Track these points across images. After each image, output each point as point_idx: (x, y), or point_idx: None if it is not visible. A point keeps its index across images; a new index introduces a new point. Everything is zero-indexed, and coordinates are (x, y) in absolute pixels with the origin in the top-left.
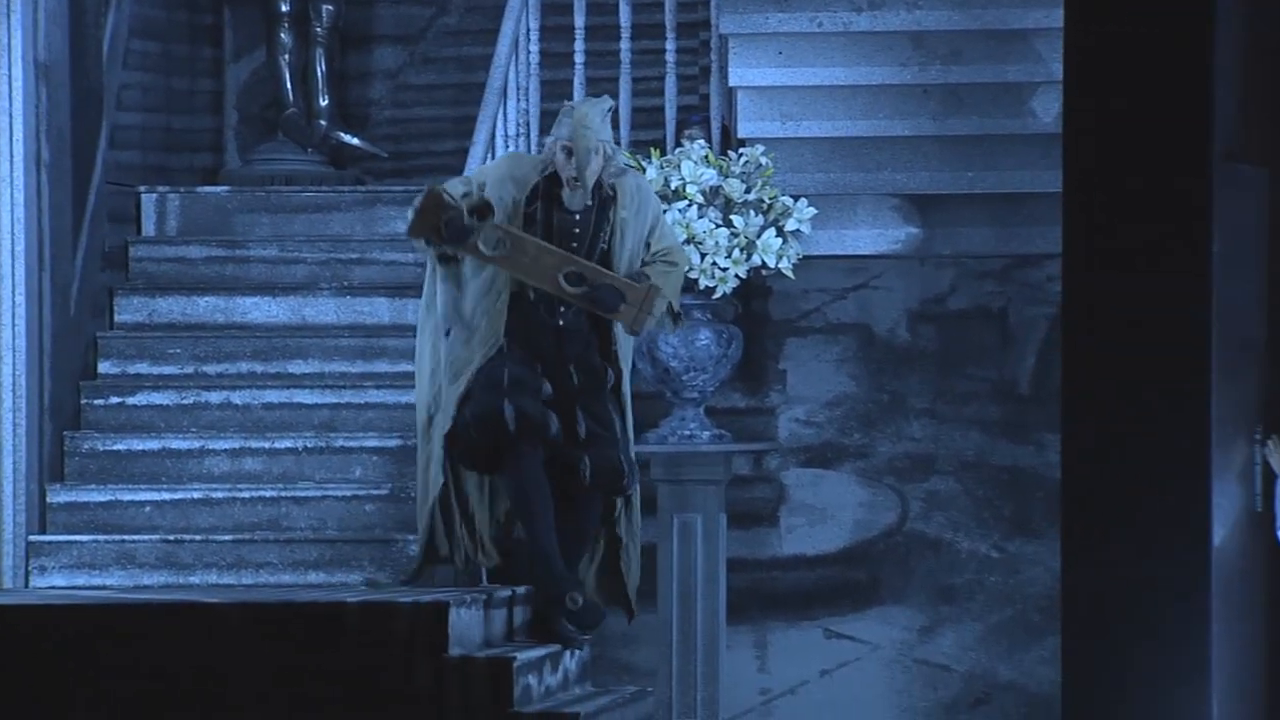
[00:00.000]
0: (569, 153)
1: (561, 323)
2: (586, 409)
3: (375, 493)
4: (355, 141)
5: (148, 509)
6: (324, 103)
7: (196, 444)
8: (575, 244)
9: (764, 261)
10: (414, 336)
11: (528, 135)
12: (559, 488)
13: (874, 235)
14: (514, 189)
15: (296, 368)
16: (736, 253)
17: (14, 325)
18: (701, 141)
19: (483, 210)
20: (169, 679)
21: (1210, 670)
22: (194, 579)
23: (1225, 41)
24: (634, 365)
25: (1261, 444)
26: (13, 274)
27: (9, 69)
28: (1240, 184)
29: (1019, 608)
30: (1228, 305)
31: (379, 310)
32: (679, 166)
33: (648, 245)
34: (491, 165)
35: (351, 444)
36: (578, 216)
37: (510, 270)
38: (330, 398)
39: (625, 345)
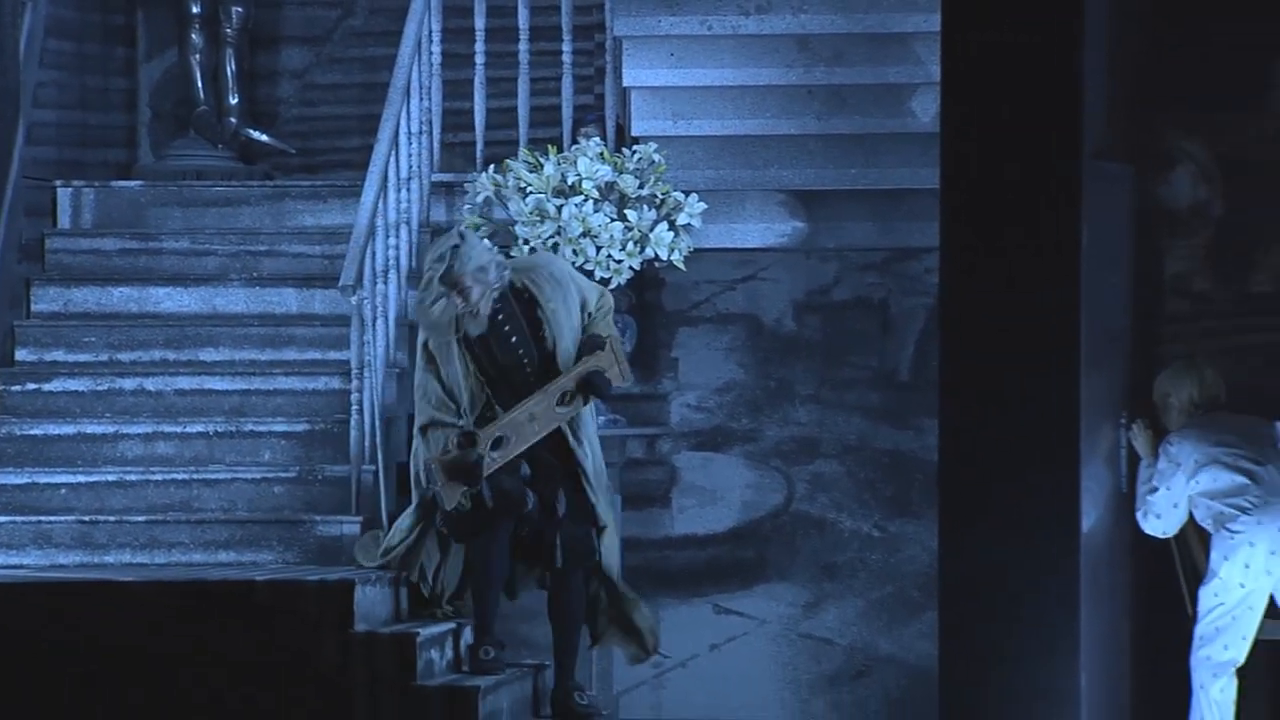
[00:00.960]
0: (459, 294)
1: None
2: (566, 489)
3: (284, 475)
4: (264, 138)
5: (64, 491)
6: (234, 101)
7: (111, 429)
8: (523, 353)
9: (657, 254)
10: (321, 326)
11: (430, 133)
12: (537, 566)
13: (761, 229)
14: (446, 333)
15: (207, 355)
16: (630, 246)
17: None
18: (597, 139)
19: (466, 440)
20: (84, 655)
21: (1079, 645)
22: (109, 558)
23: (1093, 48)
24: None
25: (1127, 428)
26: None
27: None
28: (1108, 181)
29: (898, 585)
30: (1095, 297)
31: (287, 300)
32: (575, 163)
33: (588, 315)
34: (420, 354)
35: (261, 429)
36: (511, 336)
37: (527, 444)
38: (240, 384)
39: (589, 424)
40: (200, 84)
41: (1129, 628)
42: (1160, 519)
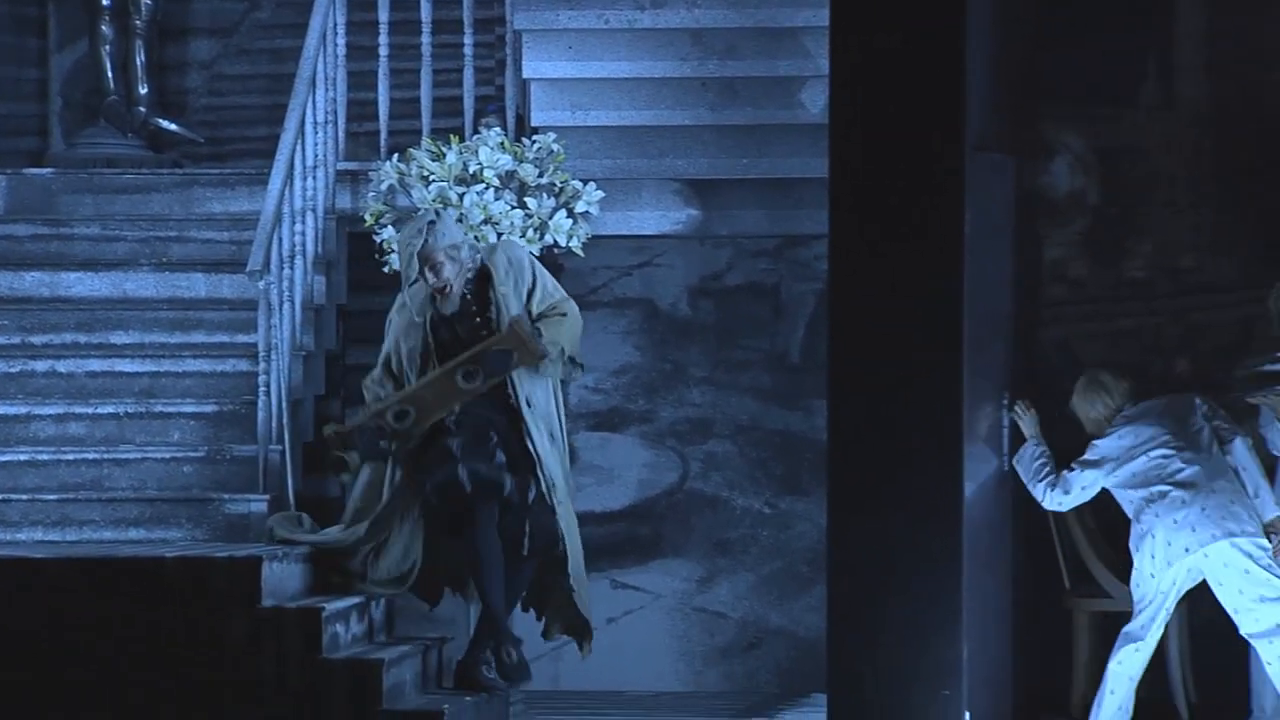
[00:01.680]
0: (431, 270)
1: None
2: (536, 478)
3: (193, 455)
4: (173, 127)
5: None
6: (143, 91)
7: (23, 409)
8: (485, 334)
9: (556, 241)
10: (229, 310)
11: (335, 122)
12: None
13: (657, 217)
14: (411, 344)
15: (118, 338)
16: (530, 233)
17: None
18: (498, 129)
19: (340, 438)
20: None
21: (962, 618)
22: (21, 535)
23: (977, 44)
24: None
25: (1009, 409)
26: None
27: None
28: (991, 171)
29: (788, 560)
30: (979, 282)
31: (196, 285)
32: (477, 152)
33: (529, 311)
34: (390, 326)
35: (170, 409)
36: (476, 317)
37: (430, 418)
38: (150, 366)
39: (538, 412)
40: (110, 74)
41: (1010, 599)
42: (1067, 496)
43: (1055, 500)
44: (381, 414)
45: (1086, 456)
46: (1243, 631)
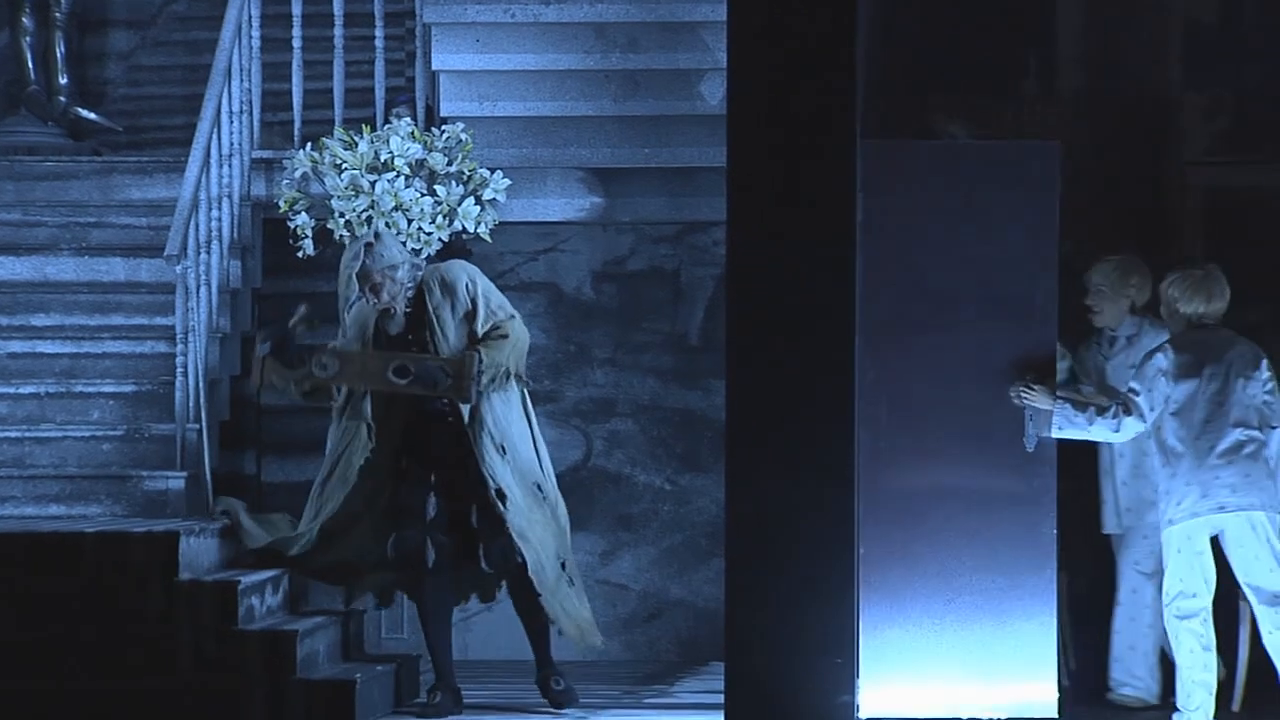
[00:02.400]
0: (371, 290)
1: (428, 407)
2: (480, 500)
3: (112, 433)
4: (92, 116)
5: None
6: (63, 81)
7: None
8: (414, 349)
9: (464, 227)
10: (147, 293)
11: (250, 112)
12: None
13: (562, 204)
14: (357, 332)
15: (39, 320)
16: (440, 219)
17: None
18: (408, 119)
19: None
20: None
21: (853, 587)
22: None
23: (868, 37)
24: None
25: (1022, 393)
26: None
27: None
28: (883, 157)
29: (688, 534)
30: (871, 263)
31: (115, 269)
32: (388, 141)
33: (473, 332)
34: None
35: (90, 389)
36: (404, 326)
37: (347, 383)
38: (70, 348)
39: (485, 425)
40: (31, 64)
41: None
42: (1143, 420)
43: (1129, 427)
44: (312, 350)
45: (1146, 373)
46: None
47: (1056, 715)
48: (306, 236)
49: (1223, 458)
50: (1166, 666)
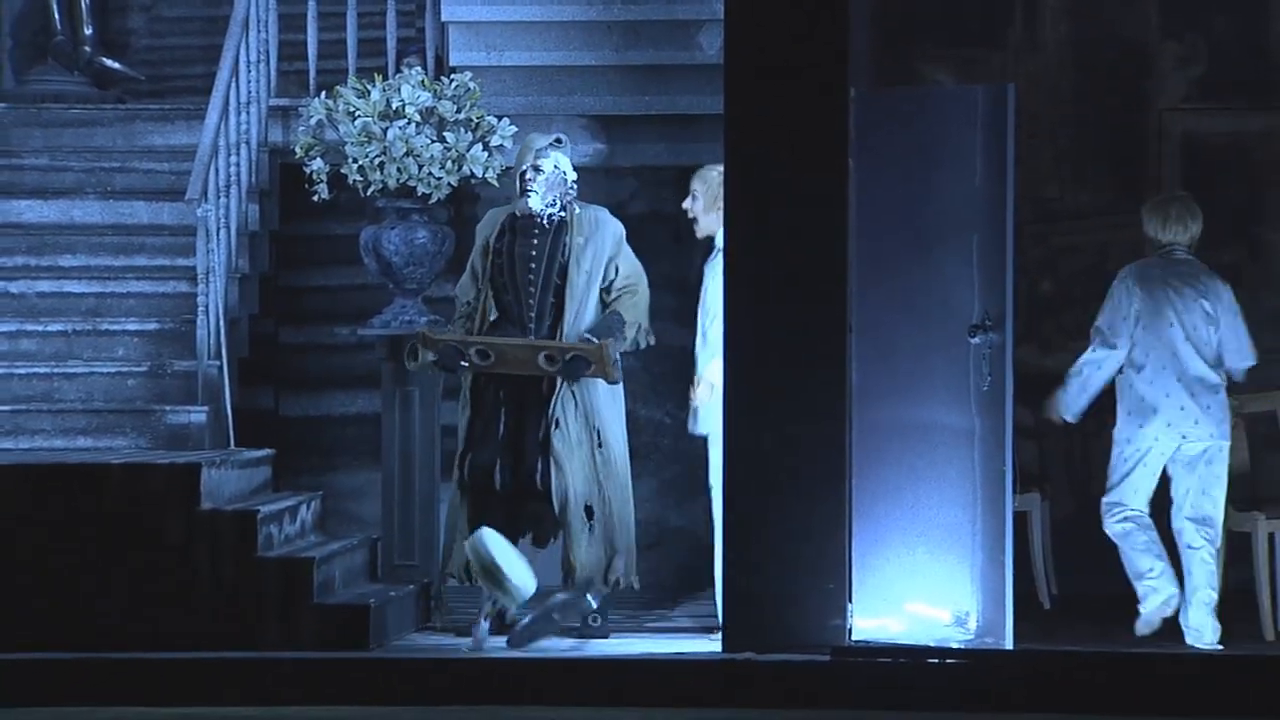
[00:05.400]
0: (533, 167)
1: (533, 338)
2: (552, 419)
3: (136, 370)
4: (116, 66)
5: None
6: (89, 31)
7: None
8: (533, 264)
9: (472, 172)
10: (169, 236)
11: (267, 62)
12: (526, 493)
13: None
14: (486, 232)
15: (66, 261)
16: (449, 164)
17: None
18: (418, 69)
19: (427, 341)
20: None
21: (844, 514)
22: None
23: None
24: (363, 261)
25: (983, 330)
26: None
27: None
28: (868, 105)
29: (687, 465)
30: (867, 210)
31: (138, 212)
32: (399, 90)
33: (608, 286)
34: (478, 233)
35: (115, 328)
36: (534, 245)
37: (509, 370)
38: (96, 287)
39: (591, 398)
40: (57, 15)
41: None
42: (1109, 345)
43: (1104, 352)
44: (467, 343)
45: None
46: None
47: (1011, 646)
48: (322, 181)
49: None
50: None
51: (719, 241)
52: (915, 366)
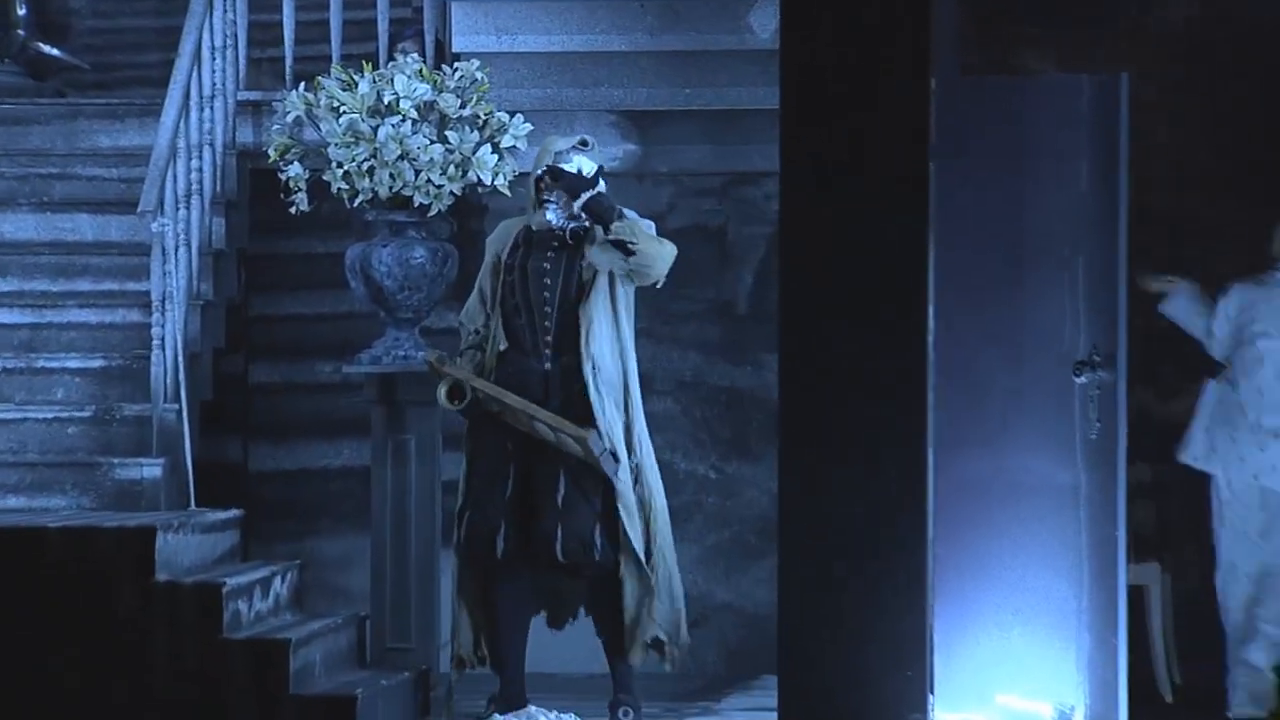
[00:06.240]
0: (550, 173)
1: (548, 366)
2: (571, 471)
3: (78, 415)
4: (55, 52)
5: None
6: (22, 12)
7: None
8: (548, 280)
9: (479, 178)
10: (118, 255)
11: (235, 47)
12: (540, 563)
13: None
14: (496, 247)
15: None
16: (452, 169)
17: None
18: (415, 55)
19: (436, 372)
20: None
21: (926, 588)
22: None
23: None
24: (349, 284)
25: (1091, 368)
26: None
27: None
28: (965, 95)
29: (736, 529)
30: (951, 223)
31: (81, 227)
32: (392, 81)
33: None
34: (488, 247)
35: (53, 364)
36: (550, 259)
37: (515, 423)
38: (30, 317)
39: (603, 377)
40: None
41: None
42: (1211, 336)
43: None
44: (475, 389)
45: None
46: None
47: None
48: (300, 190)
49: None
50: None
51: None
52: (1009, 410)
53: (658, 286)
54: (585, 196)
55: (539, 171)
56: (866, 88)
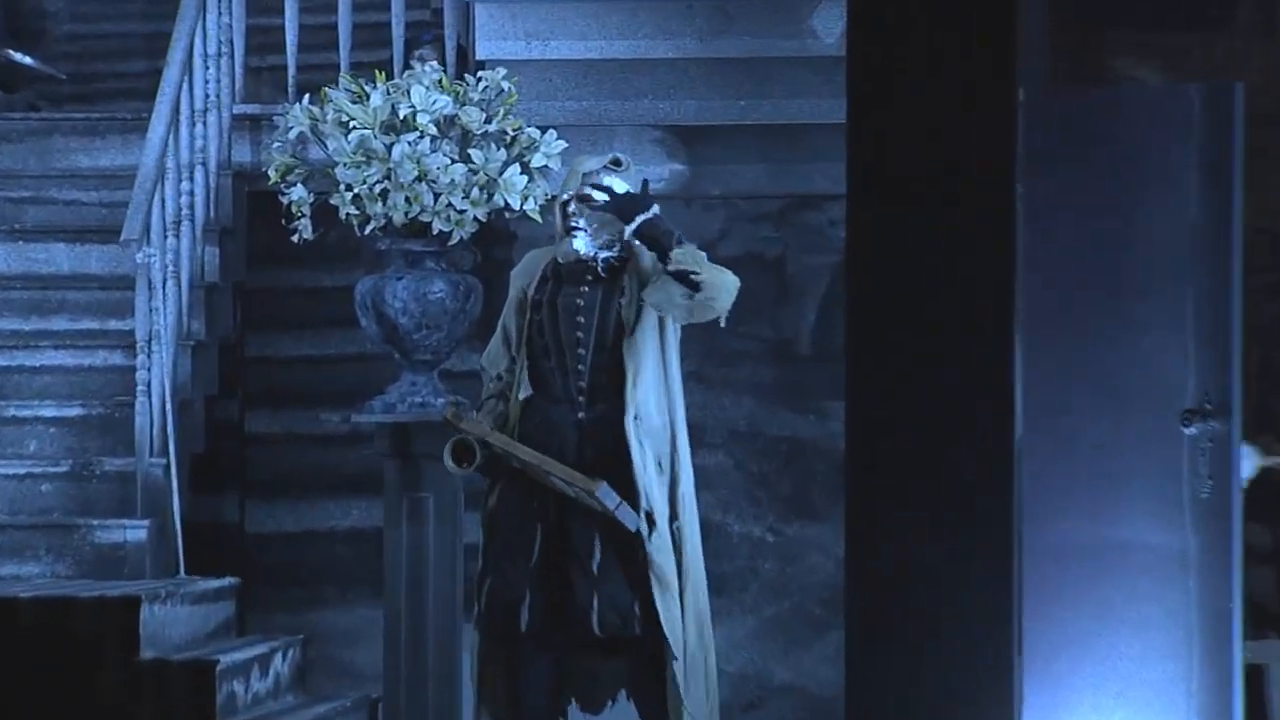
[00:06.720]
0: (579, 198)
1: (581, 415)
2: (609, 531)
3: (52, 470)
4: (28, 61)
5: None
6: None
7: None
8: (581, 318)
9: (507, 202)
10: (99, 289)
11: (231, 55)
12: (573, 638)
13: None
14: (523, 280)
15: None
16: (475, 192)
17: None
18: (434, 64)
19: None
20: None
21: (1013, 669)
22: None
23: None
24: (359, 322)
25: (1202, 418)
26: None
27: None
28: (1057, 108)
29: (797, 599)
30: (1040, 253)
31: (57, 257)
32: (408, 93)
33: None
34: (513, 280)
35: (25, 413)
36: (584, 294)
37: (536, 478)
38: (0, 360)
39: (645, 428)
40: None
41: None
42: None
43: None
44: (491, 445)
45: None
46: None
47: None
48: (304, 215)
49: None
50: None
51: None
52: (1107, 466)
53: (721, 325)
54: (640, 220)
55: (567, 196)
56: (944, 100)
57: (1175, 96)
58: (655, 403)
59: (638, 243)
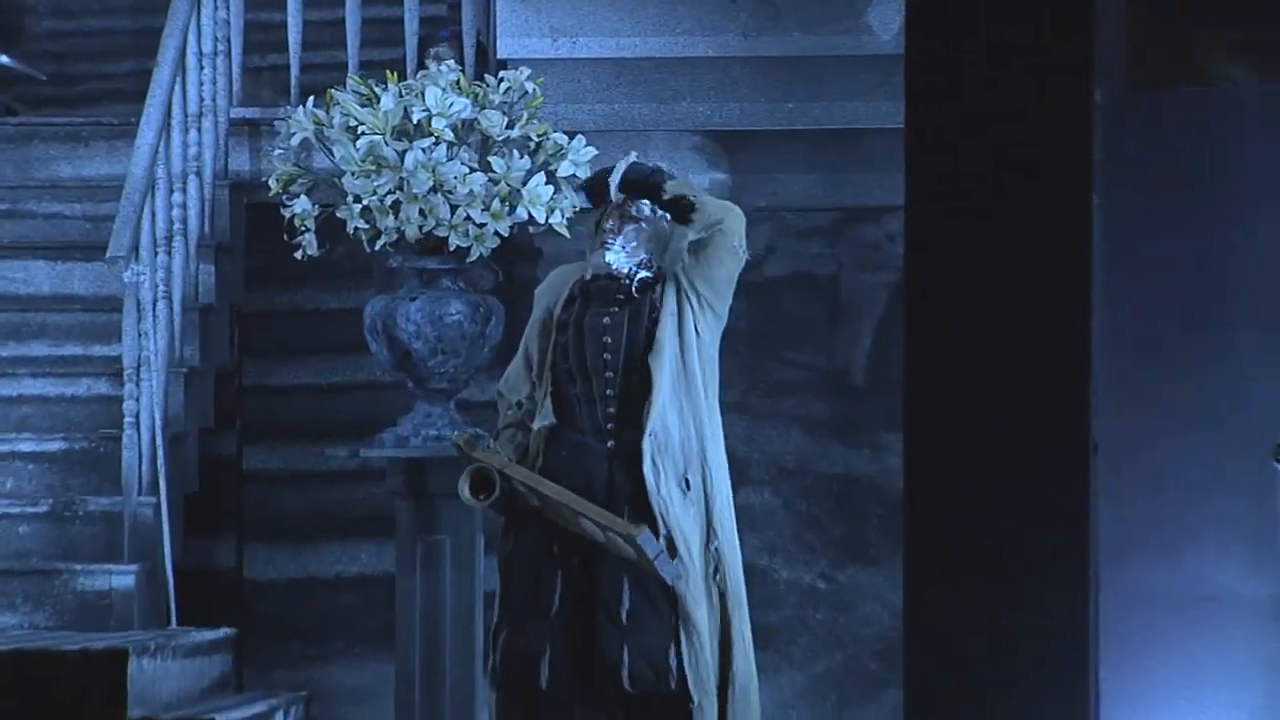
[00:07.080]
0: (618, 212)
1: (610, 445)
2: (638, 576)
3: (31, 510)
4: (4, 60)
5: None
6: None
7: None
8: (608, 338)
9: (531, 215)
10: (83, 311)
11: (228, 54)
12: (600, 695)
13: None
14: (548, 299)
15: None
16: (497, 204)
17: None
18: (451, 63)
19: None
20: None
21: None
22: None
23: None
24: (368, 347)
25: None
26: None
27: None
28: (1140, 112)
29: (851, 652)
30: (1120, 270)
31: (36, 276)
32: (423, 95)
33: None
34: (537, 300)
35: (1, 448)
36: (613, 314)
37: (552, 517)
38: None
39: (663, 447)
40: None
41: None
42: None
43: None
44: (510, 478)
45: None
46: None
47: None
48: (308, 230)
49: None
50: None
51: None
52: (1194, 507)
53: (745, 258)
54: (621, 168)
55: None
56: (1013, 102)
57: (1274, 100)
58: (675, 418)
59: (646, 209)
